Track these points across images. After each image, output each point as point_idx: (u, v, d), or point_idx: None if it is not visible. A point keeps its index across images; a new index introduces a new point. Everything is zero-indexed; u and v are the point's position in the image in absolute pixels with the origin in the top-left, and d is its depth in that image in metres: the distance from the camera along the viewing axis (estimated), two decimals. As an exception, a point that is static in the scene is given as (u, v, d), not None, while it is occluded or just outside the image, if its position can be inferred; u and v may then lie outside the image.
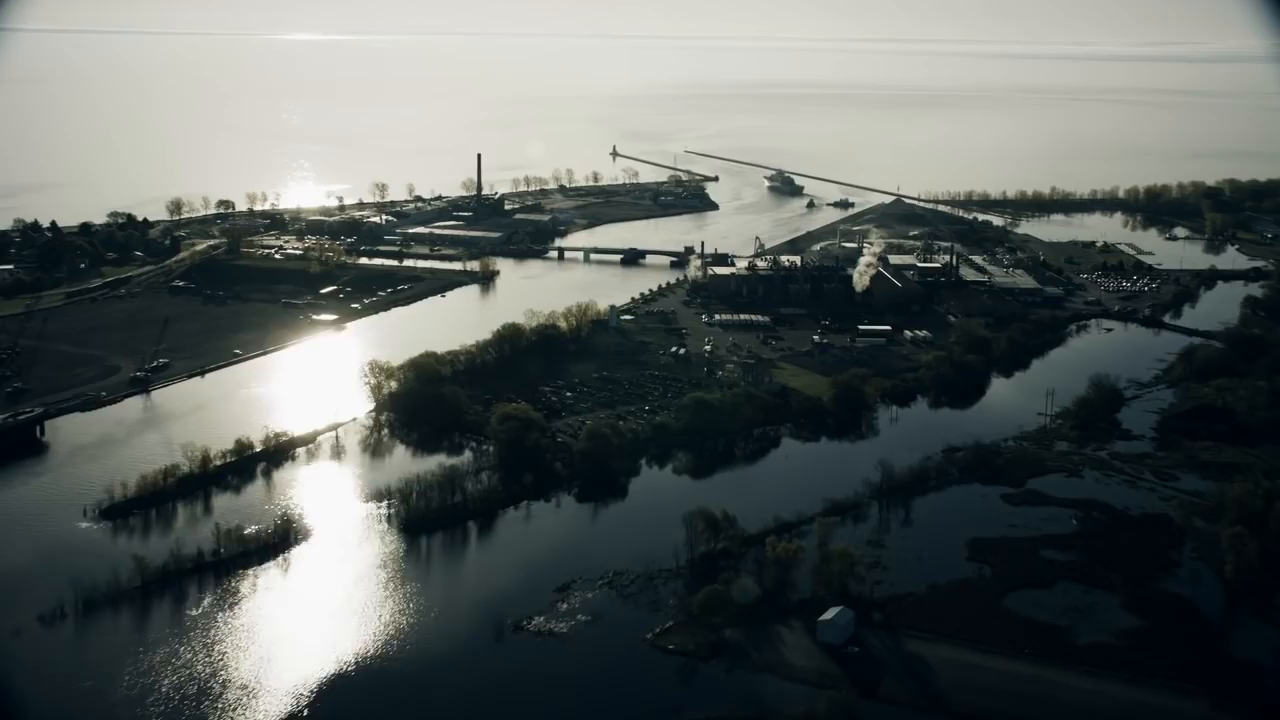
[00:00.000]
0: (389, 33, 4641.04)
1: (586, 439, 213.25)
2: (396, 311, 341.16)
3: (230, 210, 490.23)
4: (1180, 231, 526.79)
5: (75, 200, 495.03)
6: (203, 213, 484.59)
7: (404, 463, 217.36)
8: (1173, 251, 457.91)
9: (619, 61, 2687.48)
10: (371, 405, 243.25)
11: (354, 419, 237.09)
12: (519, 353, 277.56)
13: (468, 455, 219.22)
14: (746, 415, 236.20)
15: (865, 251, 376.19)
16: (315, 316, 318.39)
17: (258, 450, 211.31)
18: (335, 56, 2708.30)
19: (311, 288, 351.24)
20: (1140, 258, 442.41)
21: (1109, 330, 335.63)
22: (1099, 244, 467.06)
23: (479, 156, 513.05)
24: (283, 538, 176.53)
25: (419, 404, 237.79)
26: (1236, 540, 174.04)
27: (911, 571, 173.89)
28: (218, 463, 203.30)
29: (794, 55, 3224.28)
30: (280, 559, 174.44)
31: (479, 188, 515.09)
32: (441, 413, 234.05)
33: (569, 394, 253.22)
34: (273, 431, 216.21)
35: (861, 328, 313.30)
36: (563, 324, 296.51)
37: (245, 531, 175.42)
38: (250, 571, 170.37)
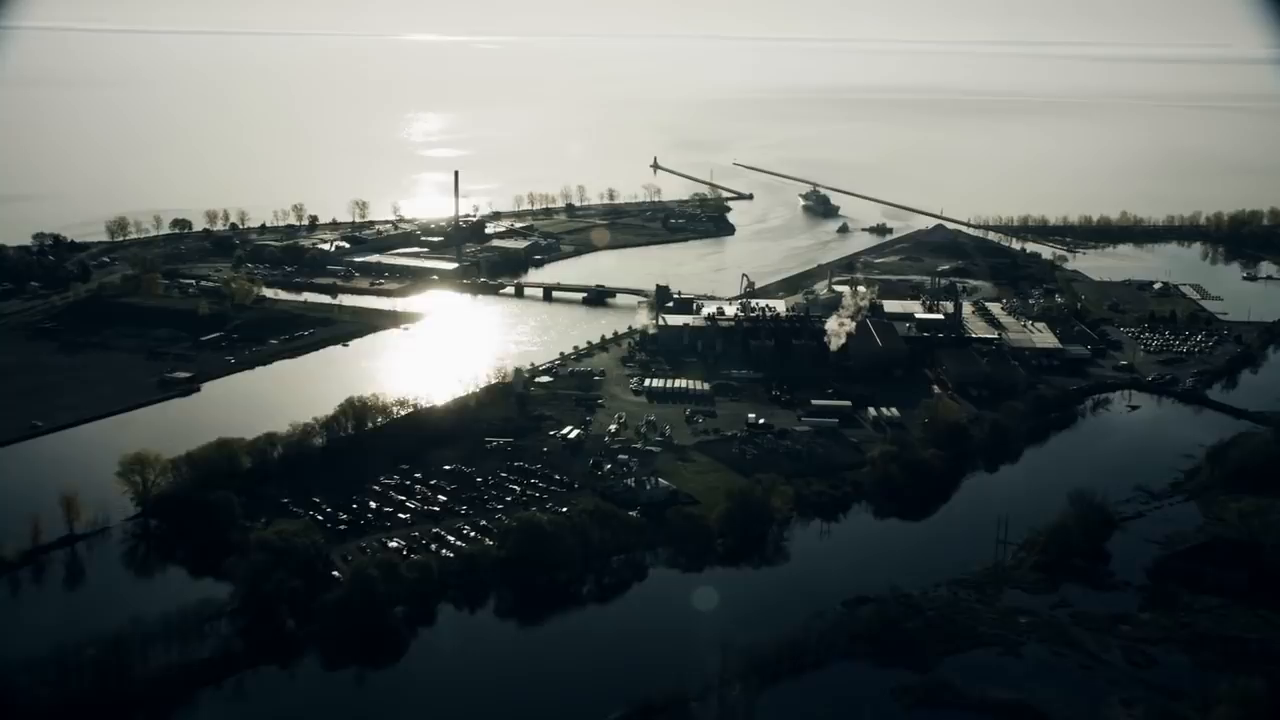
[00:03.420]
0: (497, 34, 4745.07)
1: (347, 584, 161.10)
2: (278, 366, 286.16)
3: (185, 231, 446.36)
4: (1267, 269, 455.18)
5: (63, 212, 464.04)
6: (153, 233, 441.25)
7: (149, 596, 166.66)
8: (1249, 295, 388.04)
9: (694, 65, 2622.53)
10: (135, 511, 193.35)
11: (105, 529, 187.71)
12: (369, 434, 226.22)
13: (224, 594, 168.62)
14: (595, 540, 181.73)
15: (845, 298, 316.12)
16: (168, 374, 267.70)
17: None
18: (446, 59, 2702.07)
19: (195, 333, 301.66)
20: (1203, 303, 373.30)
21: (1135, 408, 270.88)
22: (1157, 285, 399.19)
23: (456, 174, 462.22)
24: None
25: (187, 513, 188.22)
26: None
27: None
28: None
29: (861, 57, 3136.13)
30: None
31: (456, 209, 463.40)
32: (208, 528, 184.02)
33: (396, 496, 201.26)
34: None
35: (815, 402, 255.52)
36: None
37: None
38: None
